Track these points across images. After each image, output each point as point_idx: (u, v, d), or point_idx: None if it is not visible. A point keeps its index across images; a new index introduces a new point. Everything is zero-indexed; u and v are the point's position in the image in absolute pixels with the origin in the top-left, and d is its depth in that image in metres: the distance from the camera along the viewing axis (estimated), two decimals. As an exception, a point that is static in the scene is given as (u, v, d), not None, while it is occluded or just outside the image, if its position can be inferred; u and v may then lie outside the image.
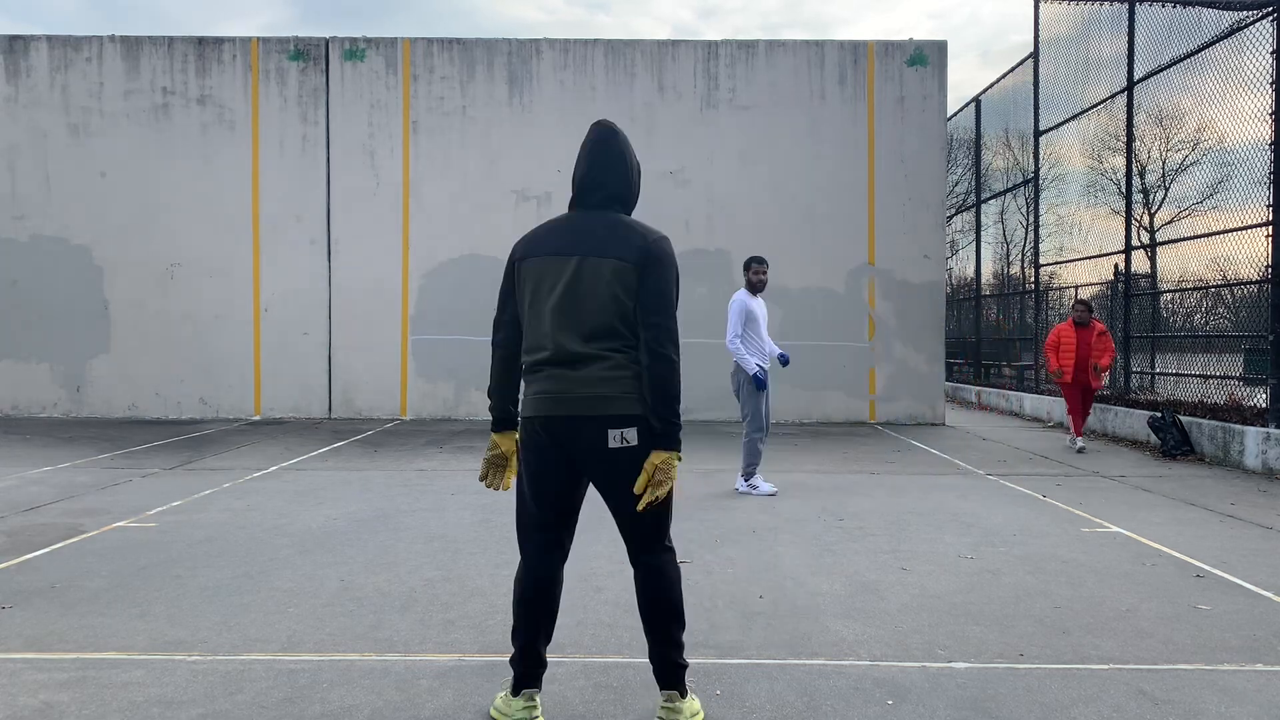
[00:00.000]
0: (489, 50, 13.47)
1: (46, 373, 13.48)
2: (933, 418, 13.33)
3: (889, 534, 6.00)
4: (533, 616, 3.03)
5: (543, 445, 2.97)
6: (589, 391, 2.89)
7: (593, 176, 3.07)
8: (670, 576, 3.00)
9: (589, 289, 2.91)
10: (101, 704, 3.25)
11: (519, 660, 3.06)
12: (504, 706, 3.09)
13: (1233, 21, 9.82)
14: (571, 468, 2.99)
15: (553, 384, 2.93)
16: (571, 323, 2.91)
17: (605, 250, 2.93)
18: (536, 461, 3.00)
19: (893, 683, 3.49)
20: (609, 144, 3.09)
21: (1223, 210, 10.64)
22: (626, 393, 2.90)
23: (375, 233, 13.45)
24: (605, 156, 3.08)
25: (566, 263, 2.94)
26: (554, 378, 2.94)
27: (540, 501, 3.02)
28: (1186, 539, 5.94)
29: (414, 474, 8.42)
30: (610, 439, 2.88)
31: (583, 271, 2.92)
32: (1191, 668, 3.67)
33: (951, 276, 19.52)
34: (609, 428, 2.88)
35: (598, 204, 3.06)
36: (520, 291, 3.05)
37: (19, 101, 13.46)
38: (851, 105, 13.39)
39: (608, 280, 2.90)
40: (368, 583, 4.79)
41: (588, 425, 2.89)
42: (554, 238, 3.02)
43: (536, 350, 2.98)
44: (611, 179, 3.07)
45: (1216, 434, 9.50)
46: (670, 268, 2.96)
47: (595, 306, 2.90)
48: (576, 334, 2.91)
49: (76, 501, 6.98)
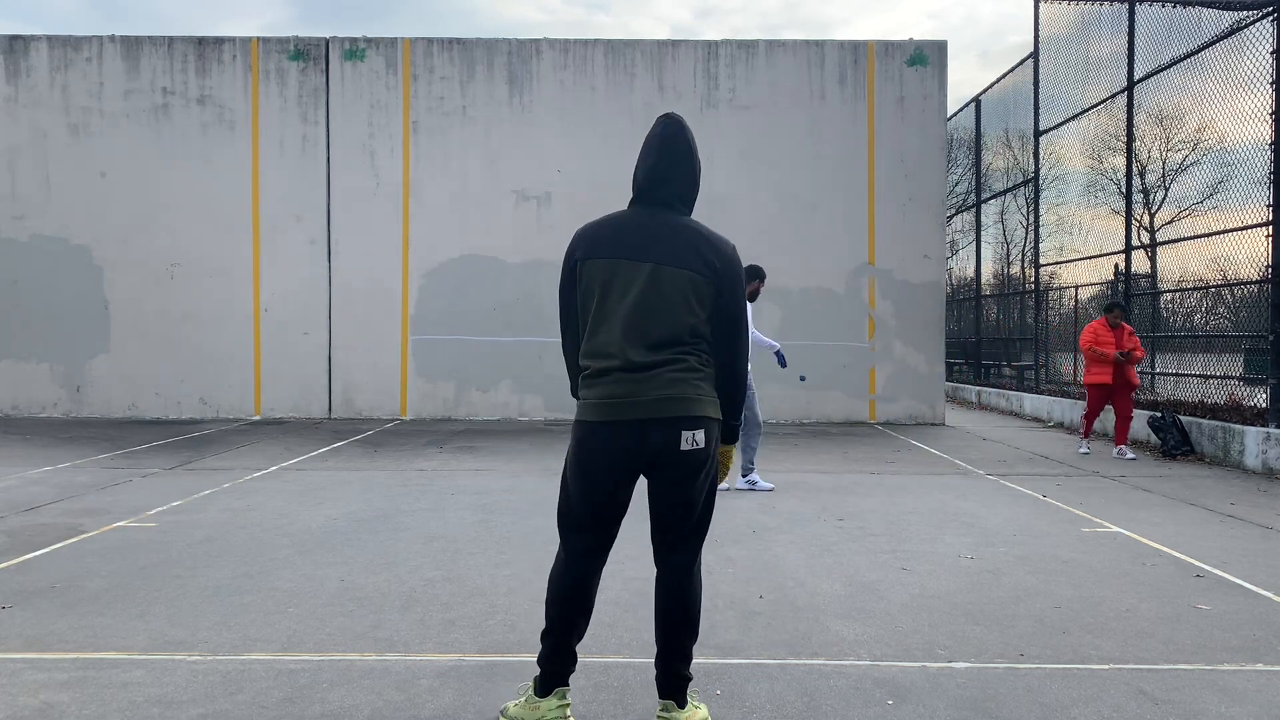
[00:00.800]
0: (489, 50, 13.47)
1: (46, 373, 13.48)
2: (933, 418, 13.33)
3: (889, 534, 6.00)
4: (569, 616, 2.97)
5: (601, 451, 2.87)
6: (660, 393, 2.83)
7: (660, 172, 2.97)
8: (696, 583, 2.98)
9: (664, 299, 2.86)
10: (101, 704, 3.25)
11: (549, 658, 2.99)
12: (528, 711, 2.99)
13: (1232, 21, 9.82)
14: (631, 473, 2.91)
15: (620, 388, 2.85)
16: (641, 332, 2.86)
17: (682, 260, 2.87)
18: (593, 467, 2.89)
19: (893, 683, 3.49)
20: (677, 140, 2.99)
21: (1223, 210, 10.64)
22: (700, 395, 2.89)
23: (375, 233, 13.46)
24: (674, 152, 2.99)
25: (639, 268, 2.87)
26: (622, 382, 2.85)
27: (589, 506, 2.93)
28: (1186, 539, 5.94)
29: (414, 474, 8.42)
30: (684, 441, 2.85)
31: (658, 280, 2.86)
32: (1191, 668, 3.67)
33: (951, 276, 19.53)
34: (683, 429, 2.84)
35: (662, 201, 2.99)
36: (583, 293, 2.96)
37: (19, 101, 13.46)
38: (851, 105, 13.39)
39: (683, 291, 2.86)
40: (368, 583, 4.79)
41: (660, 427, 2.83)
42: (624, 238, 2.92)
43: (602, 356, 2.89)
44: (678, 175, 2.99)
45: (1216, 434, 9.50)
46: (743, 281, 2.99)
47: (668, 318, 2.86)
48: (644, 344, 2.86)
49: (76, 501, 6.98)
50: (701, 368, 2.91)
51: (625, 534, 5.91)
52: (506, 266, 13.38)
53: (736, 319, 2.95)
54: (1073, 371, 14.46)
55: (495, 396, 13.48)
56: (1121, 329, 9.96)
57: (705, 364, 2.93)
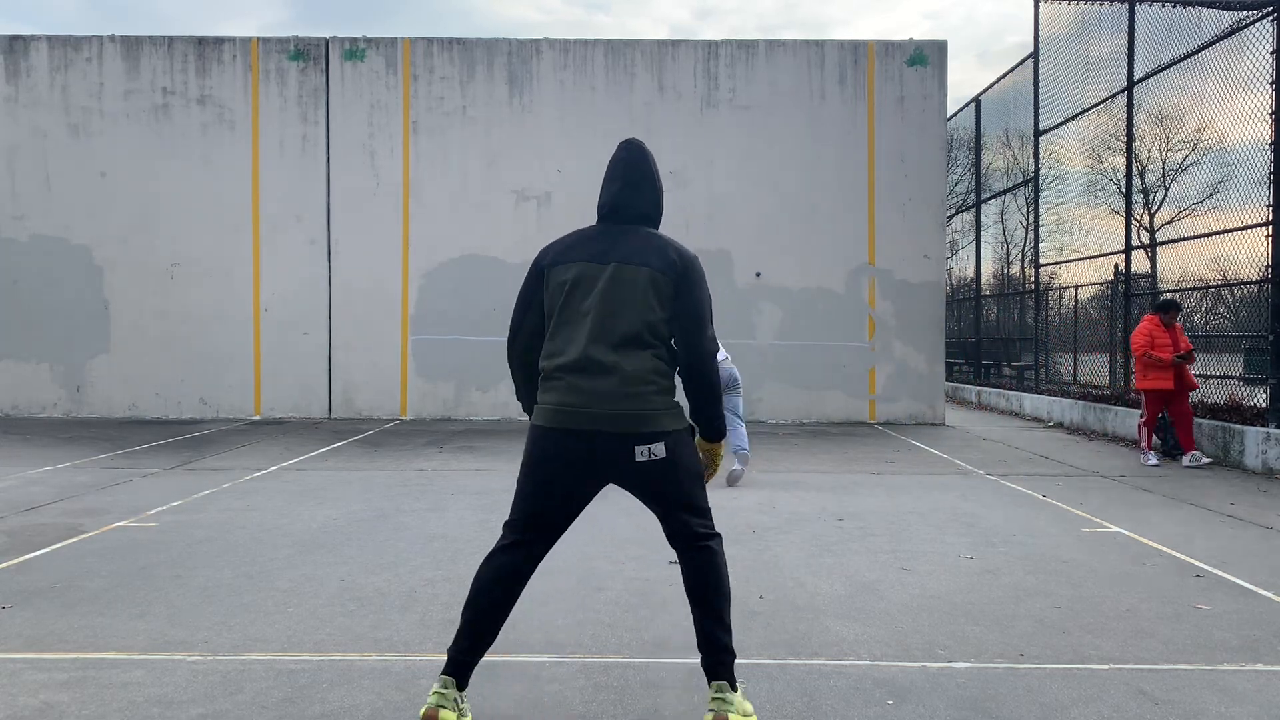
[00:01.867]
0: (489, 50, 13.47)
1: (46, 373, 13.48)
2: (933, 418, 13.33)
3: (889, 534, 6.00)
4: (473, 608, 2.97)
5: (552, 457, 2.91)
6: (612, 408, 2.87)
7: (624, 196, 3.10)
8: (717, 559, 2.99)
9: (624, 297, 2.92)
10: (101, 704, 3.25)
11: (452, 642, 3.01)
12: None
13: (1232, 21, 9.82)
14: (582, 482, 2.94)
15: (573, 396, 2.89)
16: (602, 330, 2.91)
17: (642, 258, 2.95)
18: (542, 474, 2.93)
19: (893, 683, 3.49)
20: (639, 165, 3.13)
21: (1223, 210, 10.64)
22: (655, 409, 2.90)
23: (375, 233, 13.46)
24: (635, 176, 3.12)
25: (602, 269, 2.96)
26: (575, 389, 2.89)
27: (531, 505, 2.96)
28: (1186, 539, 5.94)
29: (414, 474, 8.42)
30: (637, 454, 2.88)
31: (619, 279, 2.93)
32: (1191, 668, 3.67)
33: (951, 276, 19.53)
34: (635, 444, 2.87)
35: (626, 221, 3.11)
36: (549, 297, 3.04)
37: (19, 101, 13.46)
38: (851, 105, 13.39)
39: (643, 288, 2.92)
40: (368, 583, 4.79)
41: (611, 441, 2.88)
42: (587, 245, 3.04)
43: (558, 355, 2.96)
44: (640, 200, 3.11)
45: (1216, 434, 9.50)
46: (704, 284, 3.03)
47: (630, 314, 2.91)
48: (606, 342, 2.90)
49: (76, 501, 6.98)
50: (659, 377, 2.94)
51: (625, 534, 5.91)
52: (506, 266, 13.37)
53: (699, 319, 2.97)
54: (1072, 372, 14.47)
55: (495, 396, 13.48)
56: (1174, 328, 9.30)
57: (667, 365, 2.97)
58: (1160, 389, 9.20)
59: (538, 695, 3.35)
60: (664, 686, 3.43)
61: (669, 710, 3.23)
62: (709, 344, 2.99)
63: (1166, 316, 9.26)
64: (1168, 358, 9.08)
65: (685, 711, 3.22)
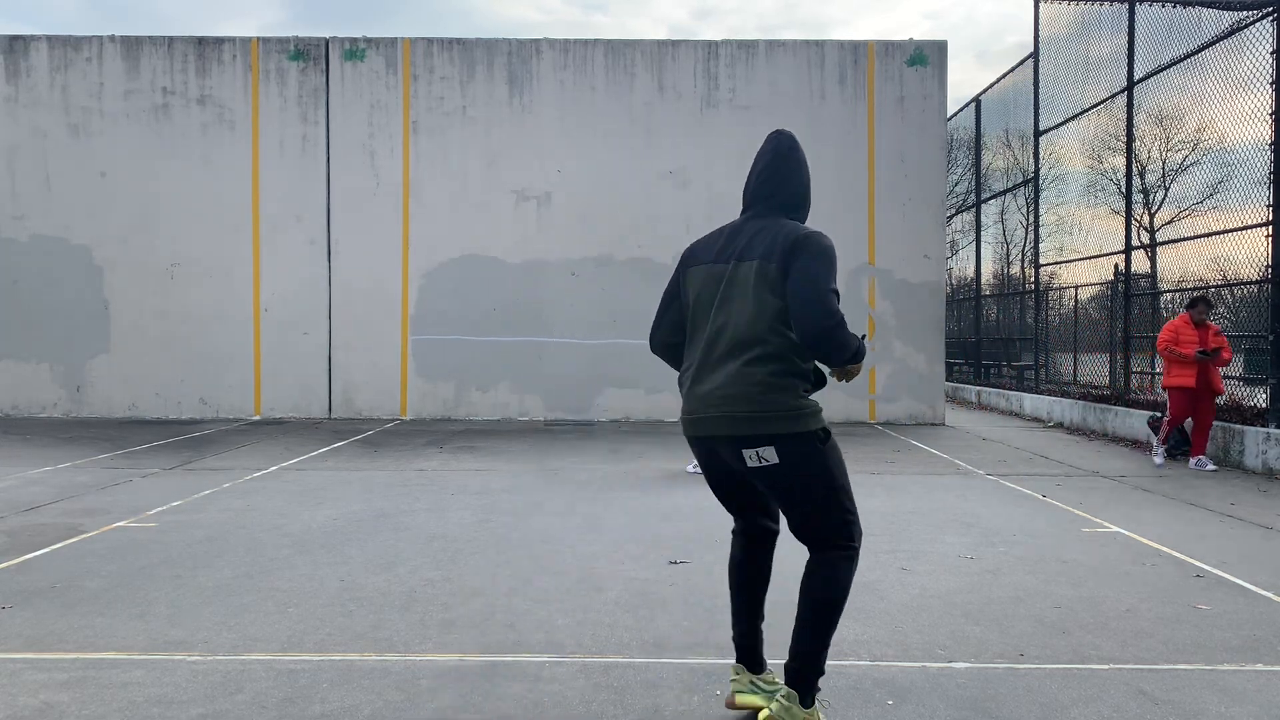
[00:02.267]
0: (489, 50, 13.47)
1: (46, 373, 13.48)
2: (933, 418, 13.33)
3: (889, 534, 6.00)
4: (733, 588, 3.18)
5: (700, 459, 3.07)
6: (716, 411, 2.87)
7: (761, 189, 3.08)
8: (827, 571, 2.89)
9: (737, 294, 2.91)
10: (101, 704, 3.25)
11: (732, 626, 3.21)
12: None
13: (1232, 22, 9.82)
14: (731, 476, 3.05)
15: (690, 403, 2.98)
16: (717, 333, 2.92)
17: (752, 252, 2.93)
18: (707, 474, 3.11)
19: (893, 683, 3.49)
20: (780, 156, 3.08)
21: (1223, 210, 10.64)
22: (762, 412, 2.80)
23: (375, 233, 13.46)
24: (774, 168, 3.07)
25: (724, 269, 2.97)
26: (691, 395, 2.97)
27: (721, 500, 3.16)
28: (1186, 539, 5.94)
29: (414, 474, 8.42)
30: (746, 459, 2.85)
31: (733, 277, 2.93)
32: (1191, 668, 3.67)
33: (951, 276, 19.53)
34: (742, 448, 2.84)
35: (763, 210, 3.07)
36: (685, 300, 3.11)
37: (19, 101, 13.46)
38: (851, 105, 13.39)
39: (754, 282, 2.88)
40: (368, 583, 4.79)
41: (723, 444, 2.90)
42: (714, 244, 3.06)
43: (686, 361, 3.06)
44: (780, 191, 3.07)
45: (1216, 434, 9.50)
46: (819, 254, 2.84)
47: (742, 313, 2.88)
48: (719, 345, 2.91)
49: (76, 501, 6.98)
50: (777, 370, 2.83)
51: (625, 533, 5.91)
52: (506, 266, 13.37)
53: (808, 299, 2.77)
54: (1073, 372, 14.47)
55: (495, 396, 13.48)
56: (1207, 328, 8.93)
57: (783, 361, 2.84)
58: (1182, 386, 8.92)
59: (538, 695, 3.35)
60: (664, 686, 3.43)
61: (669, 710, 3.22)
62: (824, 318, 2.76)
63: (1195, 313, 8.94)
64: (1189, 353, 8.81)
65: (685, 711, 3.21)
